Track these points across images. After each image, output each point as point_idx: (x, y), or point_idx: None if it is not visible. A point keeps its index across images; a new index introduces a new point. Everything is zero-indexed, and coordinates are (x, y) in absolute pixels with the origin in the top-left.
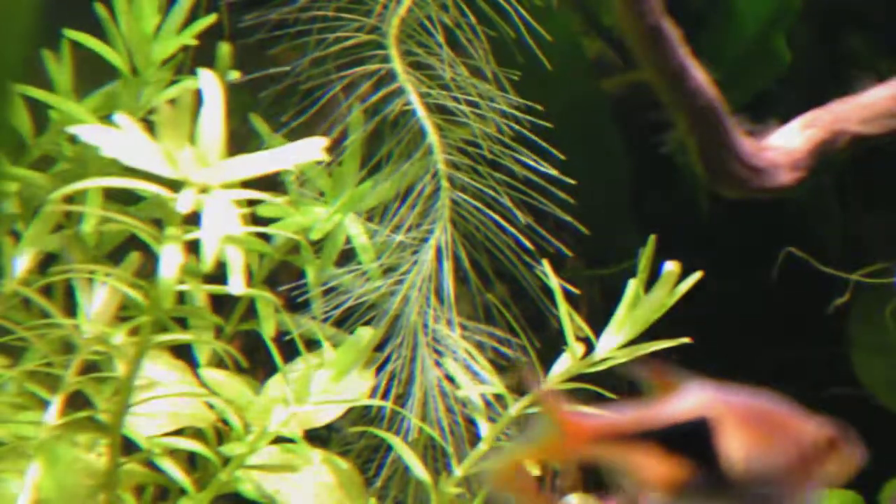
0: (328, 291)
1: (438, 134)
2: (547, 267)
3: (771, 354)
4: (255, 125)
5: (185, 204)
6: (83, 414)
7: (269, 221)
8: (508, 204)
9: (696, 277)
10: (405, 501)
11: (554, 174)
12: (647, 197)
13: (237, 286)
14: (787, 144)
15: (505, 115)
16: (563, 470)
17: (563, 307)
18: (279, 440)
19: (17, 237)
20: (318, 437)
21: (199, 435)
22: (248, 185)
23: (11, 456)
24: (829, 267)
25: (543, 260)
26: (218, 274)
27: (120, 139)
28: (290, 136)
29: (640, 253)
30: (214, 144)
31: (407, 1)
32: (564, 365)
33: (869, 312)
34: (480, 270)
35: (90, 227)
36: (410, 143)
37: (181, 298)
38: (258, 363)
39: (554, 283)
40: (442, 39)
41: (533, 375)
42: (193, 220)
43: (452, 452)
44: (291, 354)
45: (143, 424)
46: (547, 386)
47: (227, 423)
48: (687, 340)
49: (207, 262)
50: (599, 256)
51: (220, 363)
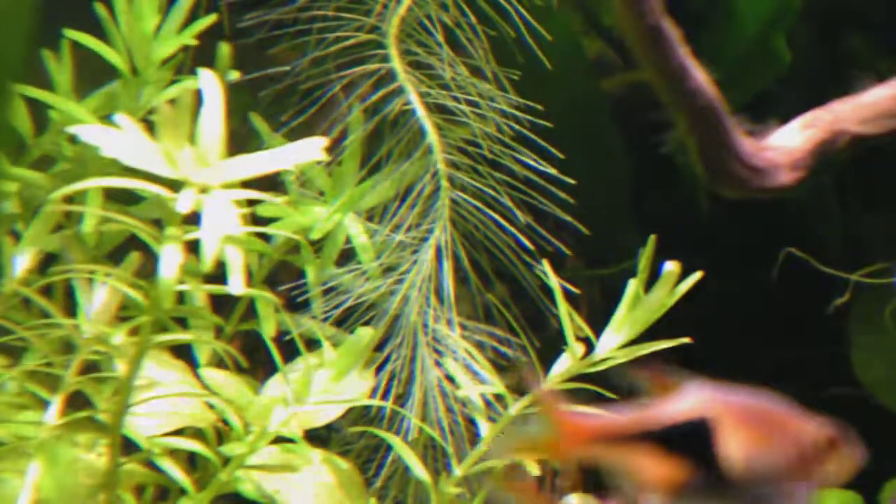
0: (328, 291)
1: (438, 133)
2: (547, 267)
3: (771, 354)
4: (255, 125)
5: (185, 204)
6: (83, 414)
7: (268, 221)
8: (508, 204)
9: (696, 277)
10: (405, 501)
11: (554, 174)
12: (647, 197)
13: (237, 286)
14: (787, 144)
15: (505, 114)
16: (563, 470)
17: (563, 307)
18: (279, 440)
19: (17, 237)
20: (318, 437)
21: (199, 435)
22: (247, 184)
23: (11, 456)
24: (829, 267)
25: (543, 260)
26: (218, 274)
27: (120, 139)
28: (289, 135)
29: (640, 253)
30: (214, 144)
31: (407, 0)
32: (564, 365)
33: (869, 312)
34: (480, 270)
35: (90, 227)
36: (410, 142)
37: (181, 298)
38: (258, 363)
39: (554, 282)
40: (442, 39)
41: (532, 375)
42: (193, 220)
43: (452, 452)
44: (291, 354)
45: (143, 424)
46: (547, 386)
47: (227, 423)
48: (687, 340)
49: (207, 262)
50: (599, 256)
51: (220, 363)
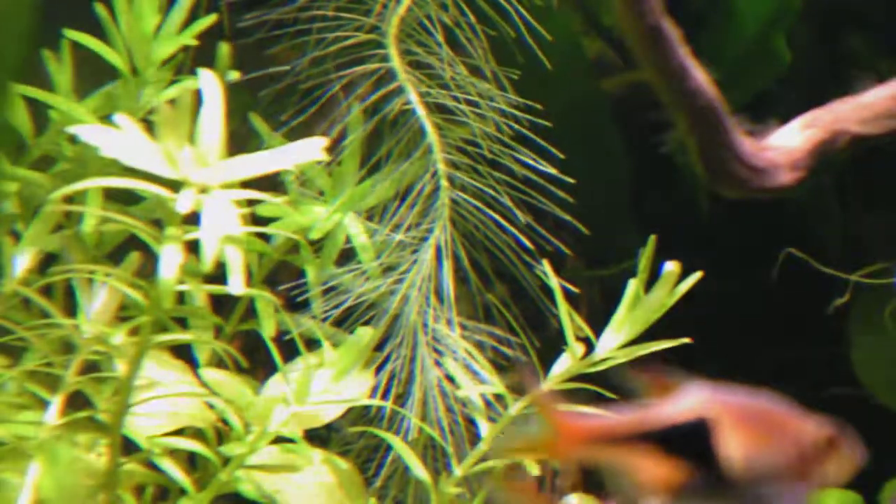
0: (328, 291)
1: (438, 133)
2: (547, 267)
3: (771, 354)
4: (254, 125)
5: (184, 204)
6: (83, 414)
7: (268, 221)
8: (508, 203)
9: (696, 277)
10: (405, 501)
11: (554, 174)
12: (647, 197)
13: (237, 286)
14: (787, 144)
15: (505, 114)
16: (563, 470)
17: (563, 307)
18: (279, 440)
19: (17, 237)
20: (318, 437)
21: (199, 435)
22: (247, 184)
23: (11, 456)
24: (829, 267)
25: (543, 260)
26: (218, 274)
27: (120, 139)
28: (289, 135)
29: (640, 253)
30: (214, 144)
31: (406, 0)
32: (564, 365)
33: (869, 312)
34: (480, 270)
35: (90, 227)
36: (410, 142)
37: (181, 298)
38: (258, 363)
39: (554, 282)
40: (441, 39)
41: (531, 375)
42: (193, 220)
43: (452, 452)
44: (291, 354)
45: (143, 424)
46: (547, 386)
47: (227, 423)
48: (687, 340)
49: (207, 262)
50: (599, 256)
51: (220, 363)
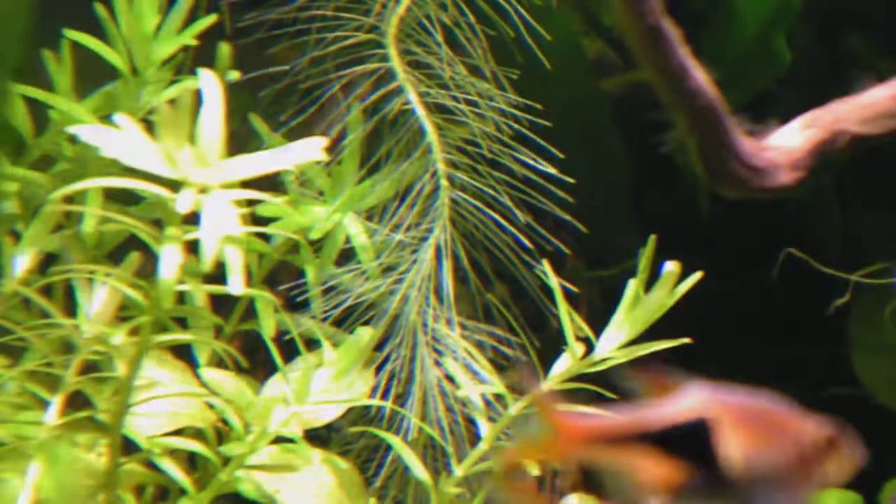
0: (328, 291)
1: (437, 133)
2: (547, 267)
3: (771, 354)
4: (254, 125)
5: (184, 204)
6: (83, 414)
7: (268, 221)
8: (508, 203)
9: (696, 277)
10: (405, 501)
11: (554, 174)
12: (647, 197)
13: (237, 286)
14: (786, 144)
15: (504, 114)
16: (563, 470)
17: (563, 307)
18: (279, 440)
19: (17, 237)
20: (318, 437)
21: (199, 435)
22: (247, 184)
23: (11, 456)
24: (829, 267)
25: (543, 260)
26: (217, 274)
27: (120, 139)
28: (289, 135)
29: (639, 253)
30: (214, 144)
31: (405, 0)
32: (564, 365)
33: (869, 312)
34: (480, 270)
35: (90, 227)
36: (409, 142)
37: (181, 298)
38: (258, 363)
39: (554, 282)
40: (441, 38)
41: (529, 375)
42: (193, 220)
43: (452, 452)
44: (291, 354)
45: (143, 424)
46: (546, 386)
47: (227, 423)
48: (687, 340)
49: (207, 262)
50: (599, 256)
51: (220, 363)
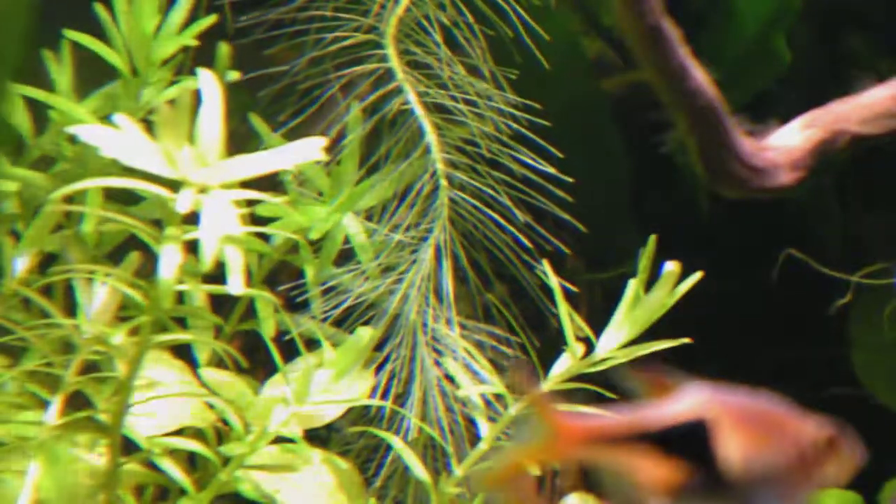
0: (327, 291)
1: (437, 133)
2: (547, 267)
3: (771, 354)
4: (253, 125)
5: (184, 204)
6: (83, 414)
7: (268, 221)
8: (508, 203)
9: (696, 277)
10: (405, 501)
11: (553, 174)
12: (647, 197)
13: (236, 286)
14: (787, 144)
15: (503, 114)
16: (563, 470)
17: (563, 307)
18: (279, 440)
19: (17, 237)
20: (318, 437)
21: (199, 435)
22: (247, 184)
23: (11, 456)
24: (829, 267)
25: (543, 259)
26: (217, 274)
27: (120, 139)
28: (288, 135)
29: (639, 253)
30: (213, 144)
31: (404, 0)
32: (564, 365)
33: (869, 312)
34: (480, 269)
35: (90, 227)
36: (409, 142)
37: (181, 298)
38: (258, 363)
39: (554, 282)
40: (439, 38)
41: (528, 376)
42: (193, 220)
43: (452, 452)
44: (291, 354)
45: (143, 424)
46: (547, 386)
47: (227, 423)
48: (687, 341)
49: (207, 262)
50: (599, 256)
51: (219, 363)
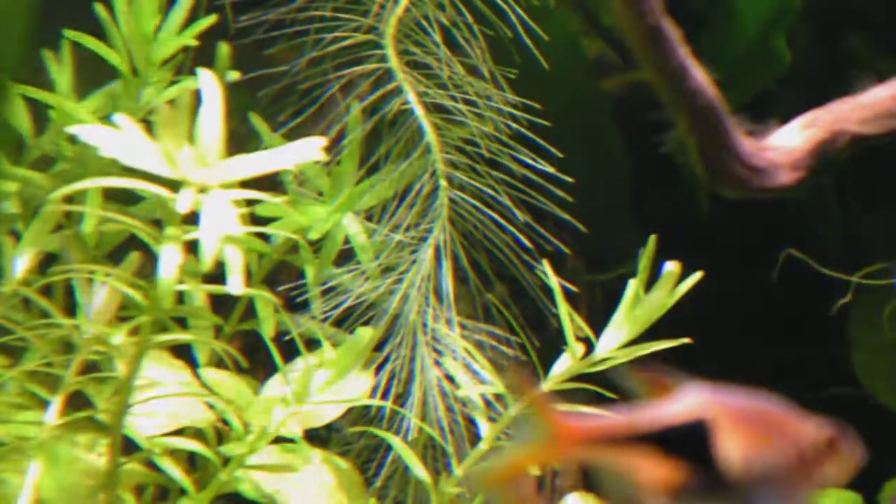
0: (327, 291)
1: (436, 133)
2: (547, 267)
3: (771, 354)
4: (253, 125)
5: (184, 204)
6: (83, 414)
7: (267, 221)
8: (508, 203)
9: (696, 277)
10: (405, 501)
11: (553, 174)
12: (647, 197)
13: (236, 286)
14: (787, 144)
15: (503, 114)
16: (563, 470)
17: (563, 307)
18: (279, 440)
19: (17, 237)
20: (318, 437)
21: (199, 435)
22: (246, 184)
23: (11, 456)
24: (829, 267)
25: (543, 260)
26: (217, 274)
27: (119, 139)
28: (288, 135)
29: (639, 253)
30: (213, 144)
31: (404, 0)
32: (564, 365)
33: (869, 312)
34: (479, 269)
35: (90, 227)
36: (408, 142)
37: (181, 298)
38: (258, 363)
39: (554, 282)
40: (439, 39)
41: (527, 376)
42: (193, 219)
43: (452, 452)
44: (291, 354)
45: (143, 424)
46: (547, 386)
47: (227, 423)
48: (687, 341)
49: (206, 261)
50: (599, 256)
51: (219, 363)
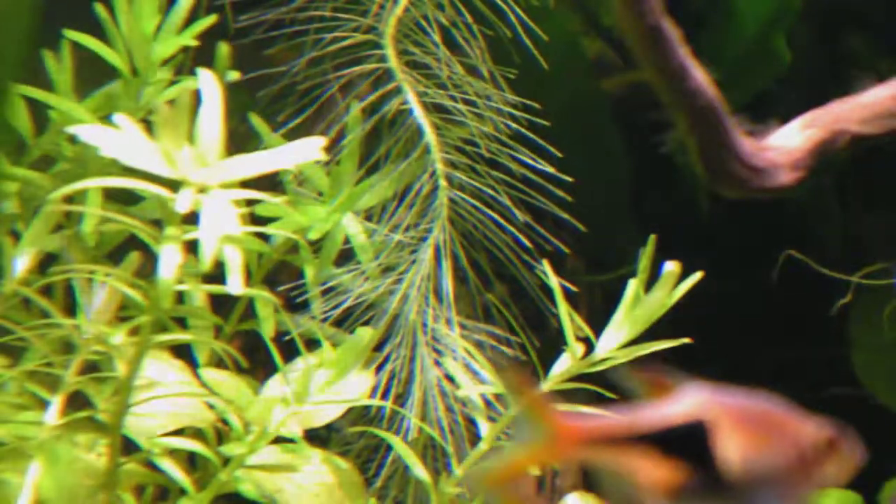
0: (327, 291)
1: (436, 133)
2: (547, 267)
3: (771, 354)
4: (253, 125)
5: (183, 204)
6: (83, 414)
7: (267, 221)
8: (507, 203)
9: (696, 277)
10: (405, 501)
11: (553, 174)
12: (647, 197)
13: (236, 286)
14: (787, 144)
15: (503, 114)
16: (563, 470)
17: (563, 307)
18: (279, 440)
19: (17, 237)
20: (318, 437)
21: (199, 435)
22: (246, 184)
23: (11, 456)
24: (829, 267)
25: (543, 259)
26: (217, 274)
27: (119, 139)
28: (288, 135)
29: (639, 253)
30: (213, 144)
31: (403, 1)
32: (564, 365)
33: (869, 312)
34: (479, 269)
35: (90, 227)
36: (408, 142)
37: (181, 298)
38: (258, 363)
39: (554, 282)
40: (438, 39)
41: (526, 376)
42: (193, 219)
43: (452, 452)
44: (291, 354)
45: (143, 424)
46: (547, 386)
47: (227, 423)
48: (687, 341)
49: (206, 261)
50: (599, 256)
51: (219, 363)
